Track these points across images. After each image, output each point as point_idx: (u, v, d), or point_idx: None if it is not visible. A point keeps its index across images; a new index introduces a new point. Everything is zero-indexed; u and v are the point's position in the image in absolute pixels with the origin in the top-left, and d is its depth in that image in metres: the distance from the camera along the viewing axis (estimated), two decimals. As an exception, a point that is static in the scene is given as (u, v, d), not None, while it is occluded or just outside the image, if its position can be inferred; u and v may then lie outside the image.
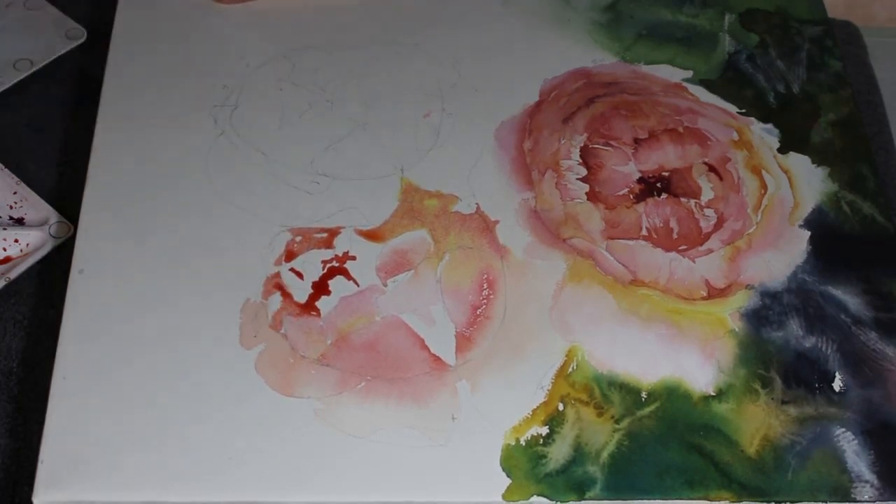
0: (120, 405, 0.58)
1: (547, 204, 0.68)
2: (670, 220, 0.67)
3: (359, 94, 0.72)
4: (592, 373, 0.61)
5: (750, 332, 0.63)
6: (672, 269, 0.65)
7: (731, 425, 0.59)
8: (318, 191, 0.67)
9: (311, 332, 0.61)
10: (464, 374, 0.60)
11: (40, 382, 0.63)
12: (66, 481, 0.56)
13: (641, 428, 0.59)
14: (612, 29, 0.77)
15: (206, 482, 0.56)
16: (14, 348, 0.67)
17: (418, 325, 0.62)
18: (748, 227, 0.67)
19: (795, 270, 0.66)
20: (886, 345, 0.63)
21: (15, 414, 0.65)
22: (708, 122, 0.72)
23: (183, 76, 0.72)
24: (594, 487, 0.57)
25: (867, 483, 0.58)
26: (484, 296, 0.63)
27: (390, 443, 0.58)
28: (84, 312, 0.62)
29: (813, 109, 0.73)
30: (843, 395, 0.61)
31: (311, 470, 0.57)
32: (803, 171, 0.70)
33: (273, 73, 0.73)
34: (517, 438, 0.58)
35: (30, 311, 0.69)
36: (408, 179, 0.68)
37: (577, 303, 0.63)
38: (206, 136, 0.69)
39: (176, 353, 0.60)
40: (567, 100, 0.73)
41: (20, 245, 0.70)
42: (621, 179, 0.69)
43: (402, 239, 0.65)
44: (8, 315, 0.68)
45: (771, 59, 0.76)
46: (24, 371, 0.66)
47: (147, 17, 0.75)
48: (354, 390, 0.60)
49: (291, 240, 0.65)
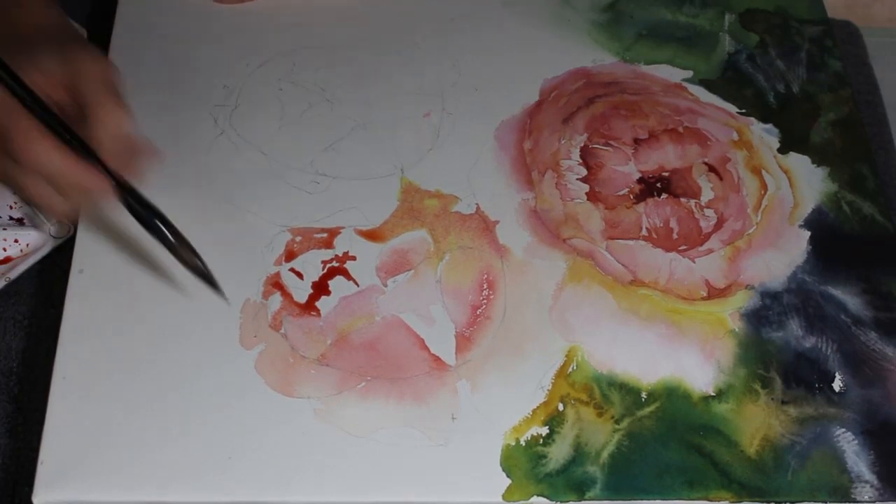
0: (120, 405, 0.58)
1: (547, 204, 0.68)
2: (670, 220, 0.67)
3: (359, 94, 0.72)
4: (592, 373, 0.61)
5: (750, 332, 0.63)
6: (672, 269, 0.65)
7: (731, 425, 0.59)
8: (318, 191, 0.67)
9: (311, 332, 0.61)
10: (464, 374, 0.60)
11: (40, 382, 0.63)
12: (66, 481, 0.56)
13: (641, 428, 0.59)
14: (612, 29, 0.77)
15: (206, 482, 0.56)
16: (14, 348, 0.67)
17: (418, 326, 0.62)
18: (748, 227, 0.67)
19: (795, 270, 0.66)
20: (886, 345, 0.63)
21: (15, 414, 0.65)
22: (708, 122, 0.72)
23: (183, 76, 0.72)
24: (594, 487, 0.57)
25: (867, 483, 0.58)
26: (484, 296, 0.63)
27: (390, 443, 0.58)
28: (84, 312, 0.61)
29: (813, 109, 0.73)
30: (843, 395, 0.61)
31: (311, 470, 0.57)
32: (803, 171, 0.70)
33: (273, 73, 0.73)
34: (517, 438, 0.58)
35: (30, 311, 0.69)
36: (408, 179, 0.68)
37: (577, 303, 0.63)
38: (206, 136, 0.69)
39: (176, 353, 0.60)
40: (567, 100, 0.73)
41: (20, 245, 0.70)
42: (621, 179, 0.69)
43: (402, 239, 0.65)
44: (8, 315, 0.68)
45: (771, 58, 0.76)
46: (24, 371, 0.66)
47: (147, 17, 0.75)
48: (354, 390, 0.60)
49: (291, 240, 0.65)
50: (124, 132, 0.54)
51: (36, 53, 0.55)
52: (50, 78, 0.55)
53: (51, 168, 0.53)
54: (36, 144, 0.52)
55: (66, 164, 0.53)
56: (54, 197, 0.55)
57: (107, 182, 0.54)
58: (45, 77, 0.54)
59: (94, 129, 0.53)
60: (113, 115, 0.53)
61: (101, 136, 0.53)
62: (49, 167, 0.53)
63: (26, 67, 0.54)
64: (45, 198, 0.55)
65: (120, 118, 0.53)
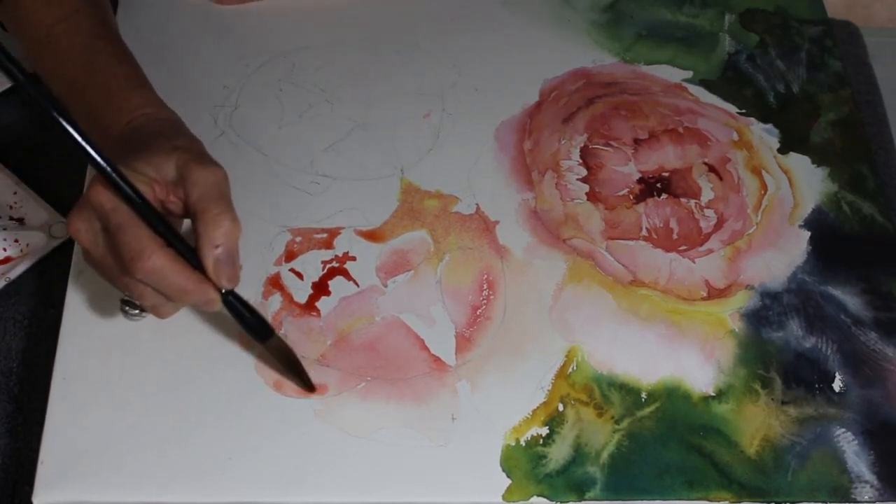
0: (119, 405, 0.58)
1: (547, 204, 0.68)
2: (670, 220, 0.67)
3: (359, 94, 0.72)
4: (592, 373, 0.61)
5: (750, 333, 0.63)
6: (672, 269, 0.65)
7: (731, 425, 0.59)
8: (318, 191, 0.67)
9: (311, 333, 0.61)
10: (464, 374, 0.60)
11: (40, 382, 0.63)
12: (66, 481, 0.56)
13: (641, 428, 0.59)
14: (612, 29, 0.77)
15: (206, 482, 0.56)
16: (14, 348, 0.67)
17: (418, 326, 0.62)
18: (748, 227, 0.67)
19: (795, 270, 0.66)
20: (886, 345, 0.63)
21: (15, 414, 0.65)
22: (708, 123, 0.72)
23: (183, 76, 0.72)
24: (594, 488, 0.57)
25: (867, 483, 0.58)
26: (484, 296, 0.63)
27: (390, 443, 0.58)
28: (84, 312, 0.62)
29: (813, 109, 0.73)
30: (843, 395, 0.61)
31: (311, 470, 0.57)
32: (803, 171, 0.70)
33: (273, 73, 0.73)
34: (517, 439, 0.58)
35: (30, 311, 0.69)
36: (408, 180, 0.68)
37: (577, 303, 0.63)
38: (206, 136, 0.69)
39: (176, 353, 0.60)
40: (567, 100, 0.73)
41: (20, 245, 0.70)
42: (621, 180, 0.69)
43: (402, 239, 0.65)
44: (8, 315, 0.68)
45: (771, 59, 0.76)
46: (24, 371, 0.66)
47: (147, 18, 0.75)
48: (354, 390, 0.60)
49: (291, 240, 0.65)
50: (234, 245, 0.54)
51: (152, 154, 0.55)
52: (163, 180, 0.54)
53: (165, 283, 0.53)
54: (153, 259, 0.52)
55: (182, 280, 0.53)
56: (164, 304, 0.55)
57: (217, 295, 0.54)
58: (158, 179, 0.54)
59: (206, 242, 0.53)
60: (226, 229, 0.53)
61: (214, 252, 0.53)
62: (164, 282, 0.53)
63: (141, 168, 0.54)
64: (154, 306, 0.55)
65: (232, 231, 0.53)
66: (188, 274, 0.53)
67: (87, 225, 0.54)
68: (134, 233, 0.52)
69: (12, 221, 0.71)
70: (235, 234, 0.54)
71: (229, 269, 0.54)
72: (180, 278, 0.53)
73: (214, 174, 0.54)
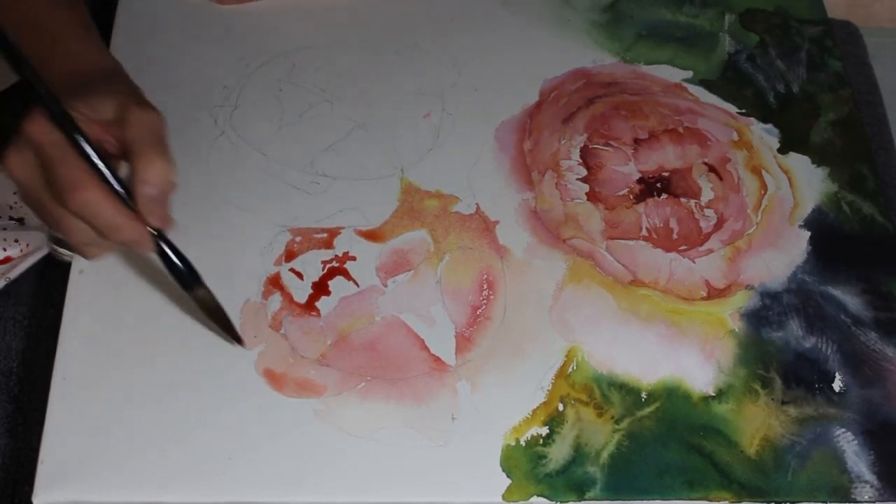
0: (119, 405, 0.58)
1: (547, 204, 0.68)
2: (670, 220, 0.67)
3: (359, 94, 0.72)
4: (592, 373, 0.61)
5: (750, 333, 0.63)
6: (672, 269, 0.65)
7: (731, 425, 0.59)
8: (318, 191, 0.67)
9: (311, 333, 0.61)
10: (464, 374, 0.60)
11: (40, 382, 0.63)
12: (66, 481, 0.56)
13: (641, 428, 0.59)
14: (612, 29, 0.77)
15: (206, 482, 0.56)
16: (14, 348, 0.67)
17: (418, 326, 0.62)
18: (748, 227, 0.67)
19: (795, 270, 0.66)
20: (886, 345, 0.63)
21: (15, 414, 0.65)
22: (708, 123, 0.72)
23: (183, 76, 0.72)
24: (594, 488, 0.57)
25: (867, 483, 0.58)
26: (484, 296, 0.63)
27: (390, 443, 0.58)
28: (84, 312, 0.61)
29: (813, 109, 0.73)
30: (843, 395, 0.61)
31: (311, 470, 0.57)
32: (803, 171, 0.70)
33: (273, 73, 0.73)
34: (517, 439, 0.58)
35: (30, 311, 0.69)
36: (408, 180, 0.68)
37: (577, 303, 0.63)
38: (206, 136, 0.69)
39: (176, 353, 0.60)
40: (567, 100, 0.73)
41: (20, 245, 0.70)
42: (621, 180, 0.69)
43: (402, 239, 0.65)
44: (8, 315, 0.68)
45: (771, 59, 0.76)
46: (24, 371, 0.66)
47: (147, 17, 0.75)
48: (354, 390, 0.60)
49: (291, 240, 0.65)
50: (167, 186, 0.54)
51: (90, 95, 0.56)
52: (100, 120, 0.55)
53: (98, 217, 0.53)
54: (87, 192, 0.53)
55: (114, 215, 0.53)
56: (93, 241, 0.55)
57: (148, 234, 0.55)
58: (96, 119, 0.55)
59: (140, 180, 0.54)
60: (159, 169, 0.54)
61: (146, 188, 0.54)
62: (97, 215, 0.53)
63: (80, 108, 0.54)
64: (83, 241, 0.55)
65: (165, 172, 0.54)
66: (121, 209, 0.54)
67: (23, 159, 0.54)
68: (71, 164, 0.53)
69: (12, 221, 0.71)
70: (168, 175, 0.54)
71: (160, 208, 0.55)
72: (113, 212, 0.53)
73: (151, 116, 0.56)
